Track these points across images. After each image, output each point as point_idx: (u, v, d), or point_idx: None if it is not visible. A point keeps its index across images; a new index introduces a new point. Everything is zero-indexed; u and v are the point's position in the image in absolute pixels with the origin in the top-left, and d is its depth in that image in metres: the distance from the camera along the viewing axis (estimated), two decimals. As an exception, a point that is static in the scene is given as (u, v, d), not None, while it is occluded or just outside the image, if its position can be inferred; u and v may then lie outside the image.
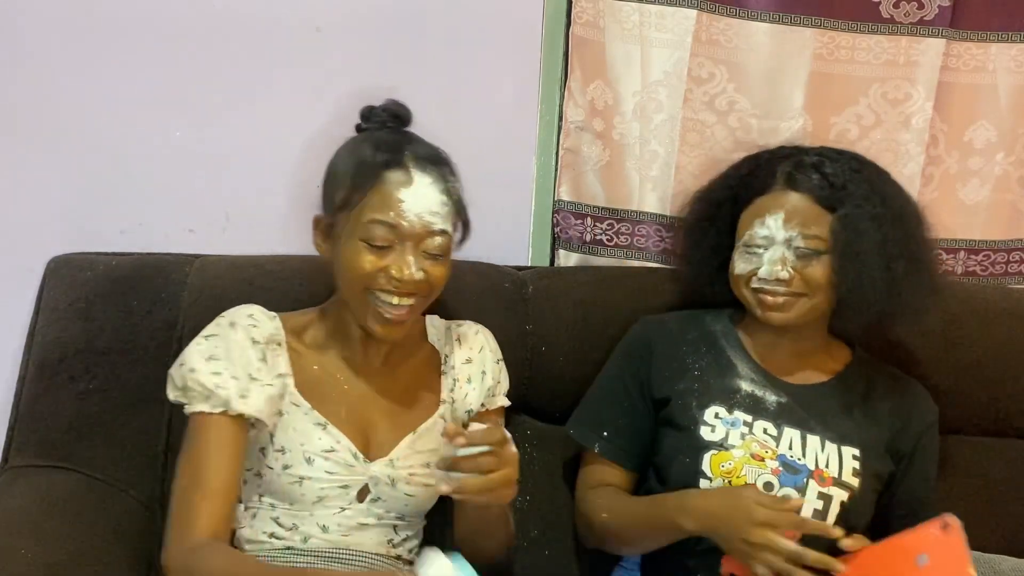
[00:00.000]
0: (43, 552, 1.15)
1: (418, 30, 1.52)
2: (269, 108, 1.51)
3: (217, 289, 1.40)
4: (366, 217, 1.16)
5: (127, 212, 1.50)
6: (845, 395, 1.33)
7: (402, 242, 1.16)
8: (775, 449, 1.25)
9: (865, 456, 1.27)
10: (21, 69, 1.45)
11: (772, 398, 1.30)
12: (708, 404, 1.29)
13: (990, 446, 1.57)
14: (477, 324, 1.36)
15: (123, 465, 1.35)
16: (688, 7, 1.53)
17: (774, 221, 1.27)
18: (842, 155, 1.33)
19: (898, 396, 1.35)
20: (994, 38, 1.61)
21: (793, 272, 1.26)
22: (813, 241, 1.25)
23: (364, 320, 1.19)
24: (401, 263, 1.15)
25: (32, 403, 1.35)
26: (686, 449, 1.27)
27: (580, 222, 1.63)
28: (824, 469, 1.25)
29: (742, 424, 1.27)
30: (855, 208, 1.26)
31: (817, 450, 1.26)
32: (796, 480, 1.23)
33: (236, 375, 1.15)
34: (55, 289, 1.40)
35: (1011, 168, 1.67)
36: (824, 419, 1.29)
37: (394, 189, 1.16)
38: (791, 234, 1.26)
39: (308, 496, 1.17)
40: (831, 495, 1.23)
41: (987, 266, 1.71)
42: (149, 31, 1.46)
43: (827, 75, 1.59)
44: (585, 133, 1.59)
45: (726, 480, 1.23)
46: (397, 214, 1.16)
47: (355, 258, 1.16)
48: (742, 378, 1.32)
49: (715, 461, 1.25)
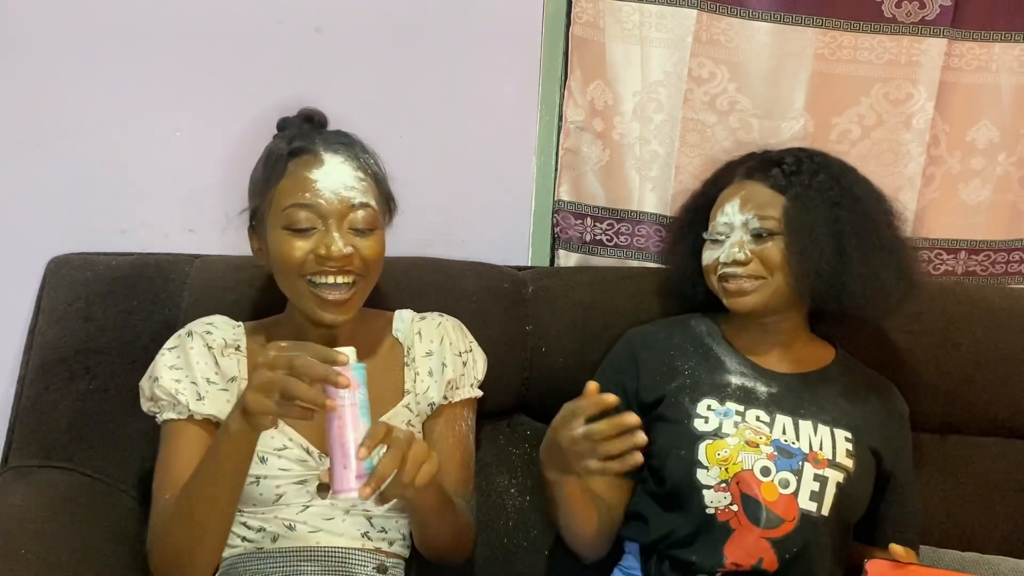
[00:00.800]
0: (43, 552, 1.15)
1: (418, 30, 1.52)
2: (269, 108, 1.50)
3: (217, 289, 1.40)
4: (283, 205, 1.17)
5: (127, 212, 1.51)
6: (832, 384, 1.35)
7: (324, 221, 1.17)
8: (769, 435, 1.26)
9: (857, 438, 1.29)
10: (21, 69, 1.45)
11: (763, 388, 1.32)
12: (700, 398, 1.30)
13: (990, 446, 1.56)
14: (442, 316, 1.36)
15: (123, 465, 1.35)
16: (688, 7, 1.53)
17: (731, 207, 1.32)
18: (808, 152, 1.38)
19: (877, 392, 1.37)
20: (997, 38, 1.60)
21: (750, 254, 1.29)
22: (767, 222, 1.29)
23: (309, 310, 1.19)
24: (327, 241, 1.16)
25: (32, 403, 1.35)
26: (681, 442, 1.27)
27: (580, 222, 1.63)
28: (819, 451, 1.26)
29: (734, 413, 1.28)
30: (806, 189, 1.30)
31: (810, 434, 1.28)
32: (791, 464, 1.24)
33: (194, 380, 1.20)
34: (55, 289, 1.40)
35: (1012, 168, 1.67)
36: (815, 404, 1.31)
37: (305, 171, 1.18)
38: (747, 217, 1.30)
39: (267, 495, 1.18)
40: (827, 476, 1.24)
41: (987, 266, 1.71)
42: (149, 31, 1.46)
43: (828, 75, 1.59)
44: (585, 133, 1.59)
45: (723, 468, 1.24)
46: (313, 194, 1.17)
47: (281, 247, 1.17)
48: (732, 373, 1.33)
49: (710, 450, 1.25)
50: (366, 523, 1.22)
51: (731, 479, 1.23)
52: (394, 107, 1.54)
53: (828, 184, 1.32)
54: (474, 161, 1.57)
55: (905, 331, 1.52)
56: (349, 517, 1.21)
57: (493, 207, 1.60)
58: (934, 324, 1.53)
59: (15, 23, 1.43)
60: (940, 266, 1.70)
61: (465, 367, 1.32)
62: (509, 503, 1.43)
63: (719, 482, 1.24)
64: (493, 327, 1.44)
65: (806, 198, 1.30)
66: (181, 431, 1.19)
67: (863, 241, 1.29)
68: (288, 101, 1.50)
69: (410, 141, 1.54)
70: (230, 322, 1.28)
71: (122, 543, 1.26)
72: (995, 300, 1.58)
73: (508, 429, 1.49)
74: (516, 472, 1.45)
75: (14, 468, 1.33)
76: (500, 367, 1.39)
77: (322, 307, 1.18)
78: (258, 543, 1.19)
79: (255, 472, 1.16)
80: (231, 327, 1.27)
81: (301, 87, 1.50)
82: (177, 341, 1.24)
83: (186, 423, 1.19)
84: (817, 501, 1.23)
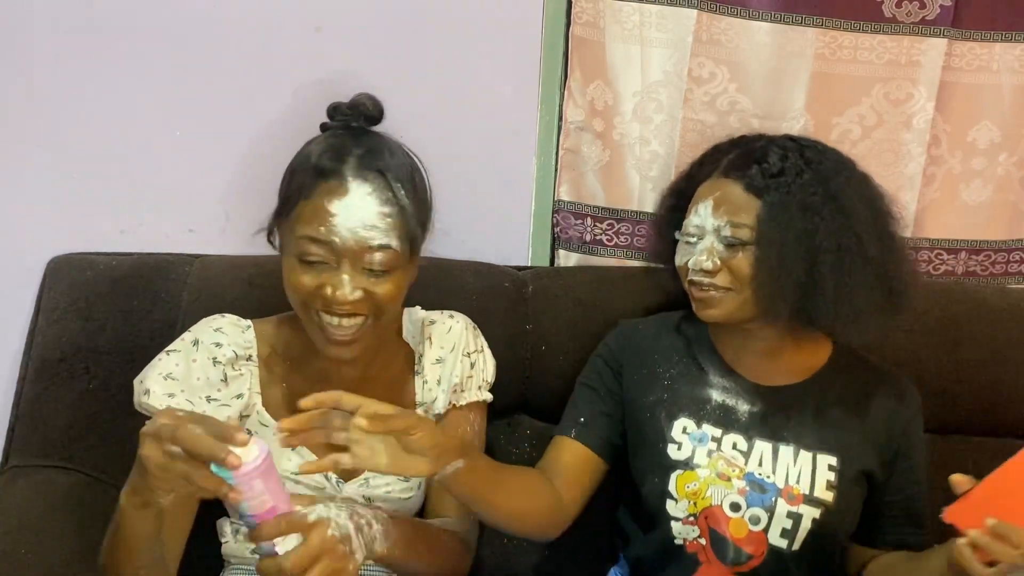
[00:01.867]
0: (43, 552, 1.15)
1: (418, 30, 1.51)
2: (269, 108, 1.51)
3: (217, 289, 1.40)
4: (298, 232, 1.09)
5: (127, 212, 1.51)
6: (823, 394, 1.26)
7: (338, 260, 1.08)
8: (743, 467, 1.21)
9: (844, 464, 1.22)
10: (21, 69, 1.45)
11: (744, 407, 1.25)
12: (677, 415, 1.25)
13: (990, 446, 1.56)
14: (452, 317, 1.30)
15: (123, 465, 1.32)
16: (688, 7, 1.53)
17: (704, 209, 1.22)
18: (798, 144, 1.26)
19: (880, 392, 1.28)
20: (998, 37, 1.60)
21: (719, 263, 1.20)
22: (740, 230, 1.19)
23: (314, 339, 1.13)
24: (336, 283, 1.07)
25: (32, 403, 1.36)
26: (655, 468, 1.24)
27: (580, 222, 1.63)
28: (794, 486, 1.21)
29: (710, 440, 1.23)
30: (784, 195, 1.18)
31: (789, 464, 1.21)
32: (764, 499, 1.20)
33: (191, 399, 1.12)
34: (55, 289, 1.40)
35: (1013, 168, 1.66)
36: (801, 422, 1.24)
37: (326, 201, 1.08)
38: (719, 223, 1.20)
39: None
40: (801, 513, 1.20)
41: (987, 266, 1.71)
42: (149, 31, 1.46)
43: (829, 75, 1.59)
44: (585, 133, 1.59)
45: (692, 501, 1.20)
46: (328, 230, 1.07)
47: (291, 275, 1.10)
48: (713, 387, 1.27)
49: (680, 482, 1.22)
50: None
51: (699, 513, 1.20)
52: (394, 107, 1.53)
53: (812, 188, 1.18)
54: (474, 161, 1.57)
55: (905, 331, 1.52)
56: None
57: (493, 207, 1.60)
58: (934, 324, 1.53)
59: (15, 23, 1.43)
60: (940, 266, 1.70)
61: (473, 368, 1.28)
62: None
63: (687, 515, 1.21)
64: (493, 327, 1.44)
65: (783, 205, 1.17)
66: None
67: (841, 259, 1.16)
68: (288, 101, 1.51)
69: (410, 141, 1.52)
70: (239, 324, 1.21)
71: (122, 543, 1.26)
72: (995, 300, 1.58)
73: (508, 429, 1.49)
74: (516, 472, 1.45)
75: (14, 468, 1.33)
76: (500, 367, 1.39)
77: (327, 343, 1.12)
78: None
79: None
80: (241, 332, 1.20)
81: (301, 87, 1.51)
82: (181, 346, 1.16)
83: None
84: (789, 538, 1.20)
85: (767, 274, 1.17)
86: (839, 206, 1.18)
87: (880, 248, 1.19)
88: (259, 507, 0.89)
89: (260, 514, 0.90)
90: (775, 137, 1.29)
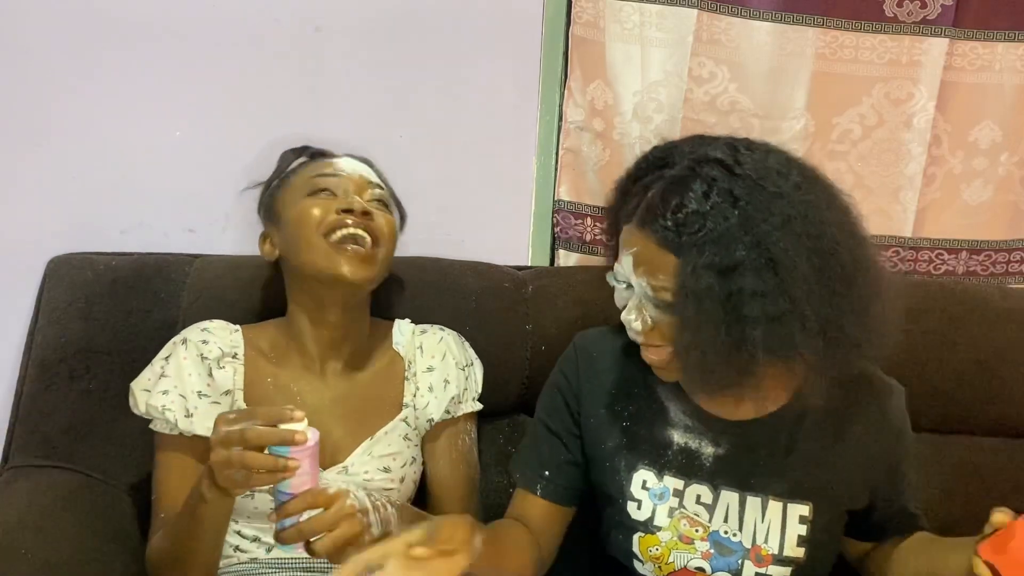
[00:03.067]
0: (43, 552, 1.15)
1: (418, 30, 1.51)
2: (269, 108, 1.51)
3: (217, 289, 1.40)
4: (305, 176, 1.25)
5: (127, 212, 1.50)
6: (796, 426, 1.13)
7: (343, 190, 1.23)
8: (707, 525, 1.12)
9: (817, 512, 1.12)
10: (21, 69, 1.45)
11: (708, 450, 1.13)
12: (636, 465, 1.15)
13: (990, 446, 1.56)
14: (443, 330, 1.36)
15: (123, 465, 1.35)
16: (689, 7, 1.53)
17: (627, 262, 1.04)
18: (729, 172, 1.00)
19: (861, 411, 1.15)
20: (1000, 37, 1.60)
21: (650, 322, 1.04)
22: (661, 293, 1.01)
23: (328, 267, 1.18)
24: (348, 199, 1.21)
25: (32, 403, 1.35)
26: (619, 526, 1.17)
27: (580, 222, 1.63)
28: (763, 546, 1.11)
29: (671, 495, 1.13)
30: (700, 250, 0.97)
31: (757, 519, 1.11)
32: (730, 562, 1.12)
33: (183, 393, 1.19)
34: (55, 289, 1.40)
35: (1015, 168, 1.66)
36: (769, 467, 1.12)
37: (325, 159, 1.29)
38: (641, 282, 1.03)
39: (261, 508, 1.16)
40: (770, 575, 1.12)
41: (988, 266, 1.71)
42: (149, 31, 1.46)
43: (830, 75, 1.59)
44: (585, 133, 1.58)
45: (656, 565, 1.14)
46: (334, 169, 1.25)
47: (304, 212, 1.20)
48: (674, 427, 1.15)
49: (643, 544, 1.15)
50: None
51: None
52: (394, 107, 1.54)
53: (737, 240, 0.96)
54: (474, 161, 1.57)
55: (905, 331, 1.51)
56: None
57: (493, 207, 1.60)
58: (934, 324, 1.53)
59: (15, 23, 1.43)
60: (941, 266, 1.70)
61: (467, 381, 1.32)
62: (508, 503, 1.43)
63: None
64: (493, 327, 1.44)
65: (702, 269, 0.97)
66: (172, 444, 1.20)
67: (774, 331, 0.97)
68: (287, 101, 1.51)
69: (410, 141, 1.54)
70: (228, 327, 1.27)
71: (122, 543, 1.26)
72: (995, 300, 1.58)
73: (508, 429, 1.49)
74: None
75: (14, 468, 1.33)
76: (500, 367, 1.39)
77: (347, 263, 1.18)
78: (251, 553, 1.19)
79: None
80: (228, 333, 1.26)
81: (301, 87, 1.51)
82: (171, 349, 1.23)
83: (176, 438, 1.19)
84: None
85: (689, 347, 1.00)
86: (769, 261, 0.96)
87: (827, 302, 0.98)
88: (300, 485, 0.95)
89: (298, 493, 0.95)
90: (703, 160, 1.02)
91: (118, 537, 1.26)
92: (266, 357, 1.25)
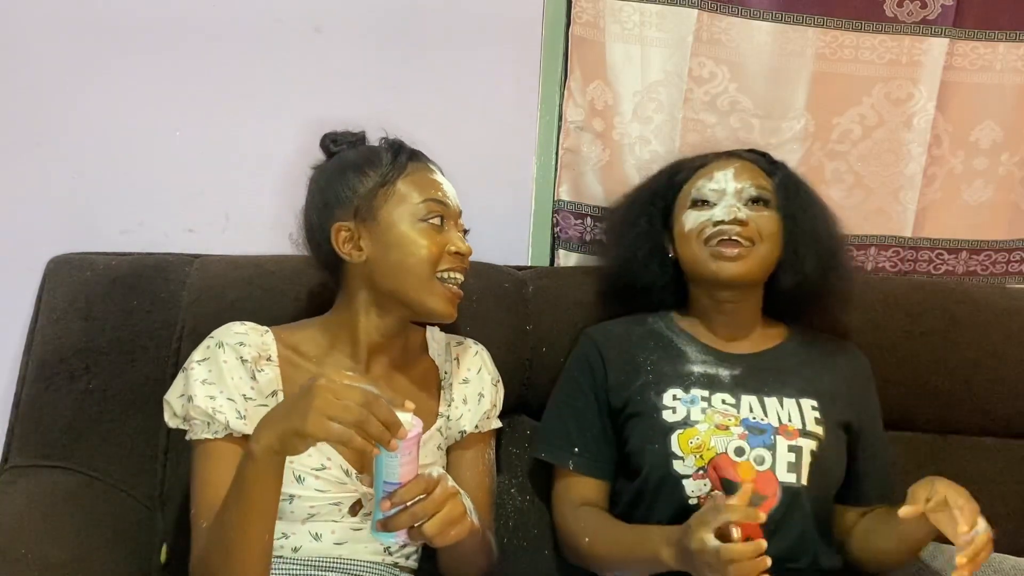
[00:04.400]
0: (43, 552, 1.15)
1: (418, 30, 1.52)
2: (269, 108, 1.51)
3: (217, 289, 1.40)
4: (417, 199, 1.20)
5: (127, 212, 1.50)
6: (792, 355, 1.36)
7: (448, 221, 1.22)
8: (737, 416, 1.28)
9: (823, 406, 1.30)
10: (21, 69, 1.45)
11: (725, 372, 1.33)
12: (665, 389, 1.31)
13: (990, 446, 1.57)
14: (476, 343, 1.36)
15: (123, 465, 1.35)
16: (689, 7, 1.53)
17: (723, 176, 1.34)
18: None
19: (837, 355, 1.39)
20: (1001, 37, 1.60)
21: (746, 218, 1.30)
22: (764, 191, 1.33)
23: (431, 305, 1.19)
24: (457, 239, 1.21)
25: (32, 403, 1.35)
26: (654, 436, 1.28)
27: (580, 222, 1.63)
28: (788, 423, 1.27)
29: (700, 400, 1.29)
30: (788, 177, 1.38)
31: (777, 408, 1.29)
32: (764, 440, 1.25)
33: (231, 396, 1.14)
34: (55, 289, 1.40)
35: (1015, 168, 1.66)
36: (778, 379, 1.32)
37: (428, 173, 1.24)
38: (742, 185, 1.32)
39: (298, 513, 1.14)
40: (800, 446, 1.25)
41: (988, 266, 1.71)
42: (149, 31, 1.46)
43: (830, 75, 1.59)
44: (585, 133, 1.58)
45: (698, 455, 1.24)
46: (443, 194, 1.22)
47: (418, 241, 1.18)
48: (693, 362, 1.34)
49: (683, 439, 1.26)
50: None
51: (708, 465, 1.24)
52: (394, 107, 1.54)
53: (802, 184, 1.39)
54: (474, 161, 1.57)
55: (905, 331, 1.52)
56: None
57: (493, 207, 1.59)
58: (934, 324, 1.53)
59: (15, 23, 1.43)
60: (941, 266, 1.70)
61: (497, 397, 1.33)
62: (509, 503, 1.43)
63: (696, 470, 1.24)
64: (493, 327, 1.44)
65: (791, 183, 1.36)
66: (217, 451, 1.12)
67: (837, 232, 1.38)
68: (288, 100, 1.51)
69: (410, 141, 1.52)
70: (258, 328, 1.22)
71: (122, 543, 1.26)
72: (995, 300, 1.58)
73: (508, 429, 1.49)
74: (516, 472, 1.45)
75: (14, 468, 1.33)
76: (500, 367, 1.39)
77: (448, 302, 1.20)
78: (278, 551, 1.14)
79: (290, 491, 1.12)
80: (260, 335, 1.21)
81: (301, 87, 1.51)
82: (207, 353, 1.17)
83: (222, 443, 1.12)
84: (795, 472, 1.24)
85: (797, 236, 1.32)
86: (815, 198, 1.39)
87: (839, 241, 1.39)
88: (407, 475, 0.98)
89: (404, 481, 0.99)
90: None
91: (118, 537, 1.27)
92: (304, 356, 1.22)
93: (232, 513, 1.01)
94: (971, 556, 1.06)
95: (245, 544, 1.01)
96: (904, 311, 1.54)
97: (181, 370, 1.18)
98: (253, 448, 0.97)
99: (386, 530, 0.99)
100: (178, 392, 1.17)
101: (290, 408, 0.96)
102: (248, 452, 0.98)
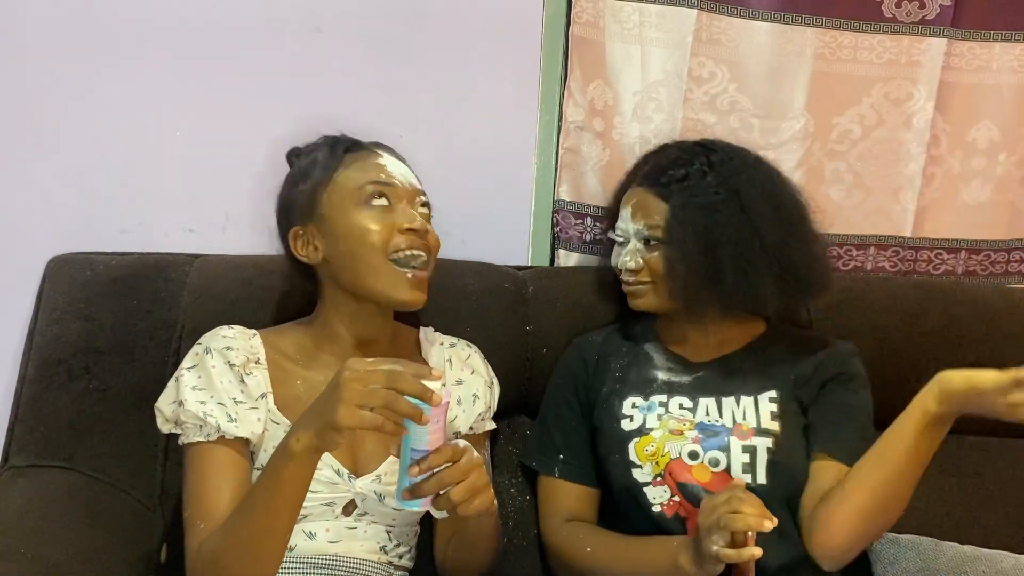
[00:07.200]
0: (43, 552, 1.15)
1: (418, 30, 1.52)
2: (269, 108, 1.51)
3: (217, 289, 1.40)
4: (356, 184, 1.18)
5: (127, 212, 1.50)
6: (759, 354, 1.36)
7: (398, 201, 1.19)
8: (692, 420, 1.29)
9: (783, 395, 1.30)
10: (21, 69, 1.45)
11: (687, 377, 1.34)
12: (626, 396, 1.33)
13: (989, 446, 1.56)
14: (470, 345, 1.35)
15: (123, 465, 1.35)
16: (688, 7, 1.53)
17: (626, 214, 1.36)
18: (707, 149, 1.36)
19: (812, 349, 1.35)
20: (997, 37, 1.61)
21: (641, 262, 1.33)
22: (654, 231, 1.32)
23: (390, 292, 1.17)
24: (408, 215, 1.18)
25: (32, 403, 1.35)
26: (614, 447, 1.30)
27: (580, 222, 1.63)
28: (743, 422, 1.28)
29: (658, 406, 1.31)
30: (687, 197, 1.31)
31: (733, 408, 1.30)
32: (718, 442, 1.26)
33: (221, 401, 1.14)
34: (55, 289, 1.40)
35: (1013, 168, 1.67)
36: (740, 379, 1.32)
37: (369, 157, 1.22)
38: (637, 226, 1.34)
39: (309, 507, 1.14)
40: (755, 445, 1.25)
41: (987, 266, 1.71)
42: (149, 31, 1.46)
43: (829, 75, 1.59)
44: (585, 133, 1.59)
45: (654, 462, 1.26)
46: (387, 175, 1.20)
47: (362, 226, 1.16)
48: (659, 368, 1.36)
49: (639, 448, 1.28)
50: (385, 537, 1.20)
51: (664, 471, 1.25)
52: (394, 107, 1.54)
53: (713, 188, 1.30)
54: (474, 161, 1.57)
55: (905, 331, 1.52)
56: (371, 528, 1.19)
57: (493, 207, 1.60)
58: (934, 324, 1.53)
59: (15, 23, 1.43)
60: (940, 266, 1.70)
61: (491, 399, 1.33)
62: (509, 503, 1.43)
63: (654, 477, 1.26)
64: (493, 327, 1.44)
65: (686, 207, 1.30)
66: (209, 454, 1.12)
67: (739, 250, 1.28)
68: (288, 101, 1.51)
69: (410, 141, 1.53)
70: (246, 332, 1.22)
71: (122, 543, 1.26)
72: (995, 300, 1.58)
73: (508, 429, 1.49)
74: (516, 472, 1.45)
75: (14, 467, 1.33)
76: (500, 367, 1.39)
77: (408, 288, 1.17)
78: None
79: None
80: (247, 339, 1.21)
81: (301, 87, 1.51)
82: (195, 359, 1.17)
83: (214, 445, 1.12)
84: (750, 472, 1.24)
85: (675, 268, 1.31)
86: (738, 202, 1.30)
87: (781, 235, 1.30)
88: (435, 442, 0.99)
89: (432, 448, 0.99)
90: (688, 144, 1.40)
91: (118, 537, 1.26)
92: (291, 360, 1.22)
93: (259, 511, 1.01)
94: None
95: (271, 542, 1.03)
96: (904, 311, 1.54)
97: (172, 378, 1.18)
98: (293, 447, 0.97)
99: (413, 497, 1.00)
100: (169, 399, 1.16)
101: (323, 404, 0.96)
102: (286, 451, 0.98)
